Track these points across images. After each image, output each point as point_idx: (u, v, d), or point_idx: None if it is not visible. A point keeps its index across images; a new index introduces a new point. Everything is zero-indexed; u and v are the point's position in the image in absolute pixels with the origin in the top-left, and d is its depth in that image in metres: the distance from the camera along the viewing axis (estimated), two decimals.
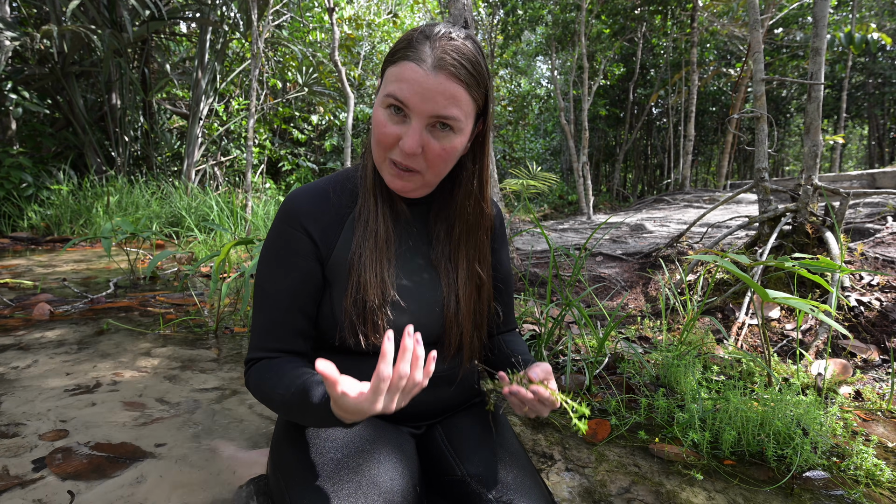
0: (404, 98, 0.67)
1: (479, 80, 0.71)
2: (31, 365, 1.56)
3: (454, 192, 0.82)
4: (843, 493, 0.98)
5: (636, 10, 9.12)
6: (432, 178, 0.74)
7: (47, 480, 0.94)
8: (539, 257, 3.24)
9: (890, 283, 1.91)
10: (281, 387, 0.69)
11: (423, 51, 0.67)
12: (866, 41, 3.09)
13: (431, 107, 0.67)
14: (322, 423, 0.65)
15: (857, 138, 20.23)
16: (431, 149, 0.70)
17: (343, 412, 0.57)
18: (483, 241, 0.84)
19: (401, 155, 0.70)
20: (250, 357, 0.78)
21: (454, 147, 0.71)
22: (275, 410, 0.73)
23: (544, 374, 0.73)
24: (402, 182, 0.73)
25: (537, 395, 0.69)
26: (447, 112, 0.68)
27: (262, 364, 0.75)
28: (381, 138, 0.71)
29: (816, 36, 2.17)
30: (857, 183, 5.90)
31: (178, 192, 5.99)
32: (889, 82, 12.29)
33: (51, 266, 3.44)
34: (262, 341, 0.77)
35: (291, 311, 0.76)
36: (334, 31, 5.11)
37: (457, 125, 0.70)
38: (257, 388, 0.74)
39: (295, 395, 0.66)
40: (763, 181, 2.42)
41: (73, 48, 5.94)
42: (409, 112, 0.68)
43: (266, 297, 0.77)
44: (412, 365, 0.56)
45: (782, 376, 1.49)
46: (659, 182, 14.22)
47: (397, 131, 0.69)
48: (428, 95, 0.66)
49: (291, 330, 0.77)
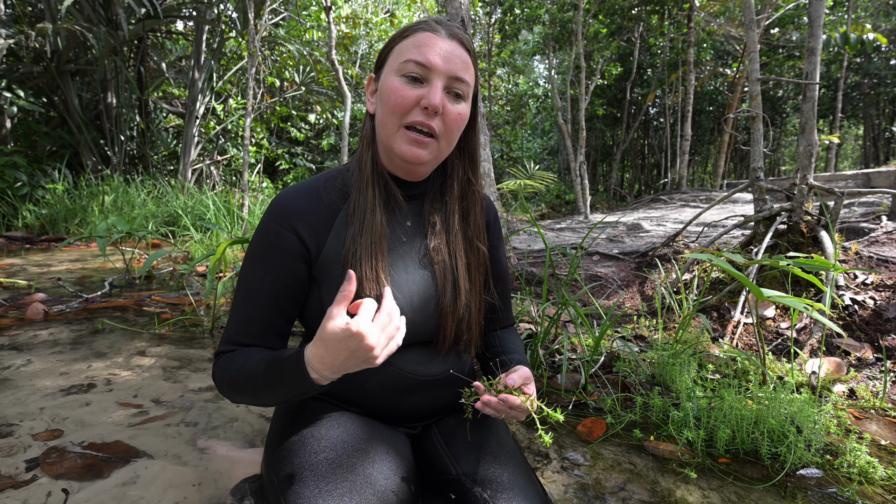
0: (427, 59, 0.71)
1: (475, 60, 0.78)
2: (24, 364, 1.55)
3: (446, 183, 0.83)
4: (837, 490, 0.99)
5: (633, 10, 9.13)
6: (445, 146, 0.77)
7: (41, 480, 0.94)
8: (536, 256, 3.24)
9: (884, 282, 1.92)
10: (249, 363, 0.70)
11: (433, 26, 0.74)
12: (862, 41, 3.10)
13: (452, 67, 0.72)
14: (290, 386, 0.66)
15: (852, 138, 20.33)
16: (449, 111, 0.74)
17: (325, 349, 0.61)
18: (479, 219, 0.86)
19: (421, 114, 0.72)
20: (221, 350, 0.77)
21: (464, 114, 0.76)
22: (237, 393, 0.72)
23: (522, 379, 0.73)
24: (418, 149, 0.74)
25: (507, 402, 0.70)
26: (463, 75, 0.74)
27: (232, 353, 0.75)
28: (398, 102, 0.72)
29: (812, 36, 2.18)
30: (853, 182, 5.92)
31: (174, 191, 5.97)
32: (884, 82, 12.35)
33: (46, 265, 3.42)
34: (236, 335, 0.76)
35: (270, 307, 0.76)
36: (331, 29, 5.10)
37: (466, 92, 0.75)
38: (223, 373, 0.73)
39: (262, 363, 0.68)
40: (759, 181, 2.42)
41: (69, 46, 5.91)
42: (430, 74, 0.72)
43: (246, 293, 0.77)
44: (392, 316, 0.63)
45: (777, 375, 1.49)
46: (656, 181, 14.26)
47: (417, 93, 0.72)
48: (448, 57, 0.72)
49: (268, 326, 0.77)
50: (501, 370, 0.86)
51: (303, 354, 0.64)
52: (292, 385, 0.65)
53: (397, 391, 0.80)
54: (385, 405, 0.81)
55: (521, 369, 0.75)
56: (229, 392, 0.74)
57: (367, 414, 0.82)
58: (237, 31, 7.08)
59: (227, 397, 0.76)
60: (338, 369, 0.63)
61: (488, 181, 2.66)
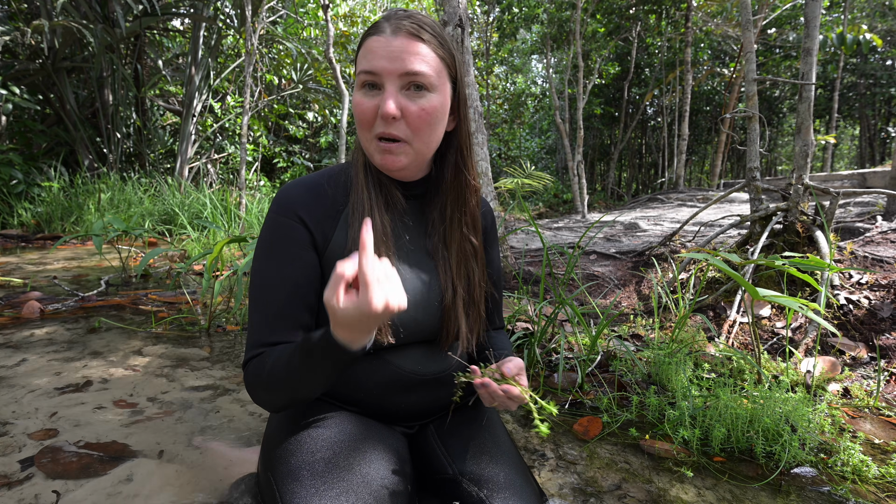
0: (372, 67, 0.69)
1: (442, 42, 0.73)
2: (20, 363, 1.54)
3: (440, 176, 0.83)
4: (830, 489, 0.99)
5: (631, 10, 9.14)
6: (421, 146, 0.73)
7: (35, 480, 0.94)
8: (533, 255, 3.24)
9: (878, 282, 1.93)
10: (284, 354, 0.67)
11: (382, 26, 0.71)
12: (858, 42, 3.11)
13: (399, 65, 0.69)
14: (327, 361, 0.62)
15: (848, 138, 20.41)
16: (410, 111, 0.70)
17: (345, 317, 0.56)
18: (473, 208, 0.85)
19: (382, 124, 0.70)
20: (249, 357, 0.73)
21: (433, 107, 0.71)
22: (276, 391, 0.69)
23: (517, 369, 0.73)
24: (390, 157, 0.72)
25: (507, 393, 0.69)
26: (414, 67, 0.69)
27: (262, 356, 0.72)
28: (360, 117, 0.72)
29: (808, 36, 2.19)
30: (848, 182, 5.95)
31: (171, 189, 5.95)
32: (880, 83, 12.40)
33: (41, 264, 3.41)
34: (262, 336, 0.73)
35: (291, 303, 0.73)
36: (329, 28, 5.09)
37: (429, 82, 0.70)
38: (256, 377, 0.70)
39: (295, 351, 0.65)
40: (755, 180, 2.43)
41: (65, 43, 5.87)
42: (381, 80, 0.70)
43: (263, 292, 0.74)
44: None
45: (772, 374, 1.50)
46: (653, 181, 14.29)
47: (374, 103, 0.71)
48: (392, 55, 0.69)
49: (292, 321, 0.73)
50: (494, 361, 0.86)
51: (328, 330, 0.61)
52: (332, 361, 0.62)
53: (395, 389, 0.80)
54: (383, 404, 0.81)
55: (515, 359, 0.75)
56: (267, 394, 0.70)
57: (364, 413, 0.82)
58: (235, 29, 7.06)
59: (264, 403, 0.71)
60: (365, 329, 0.59)
61: (486, 180, 2.66)
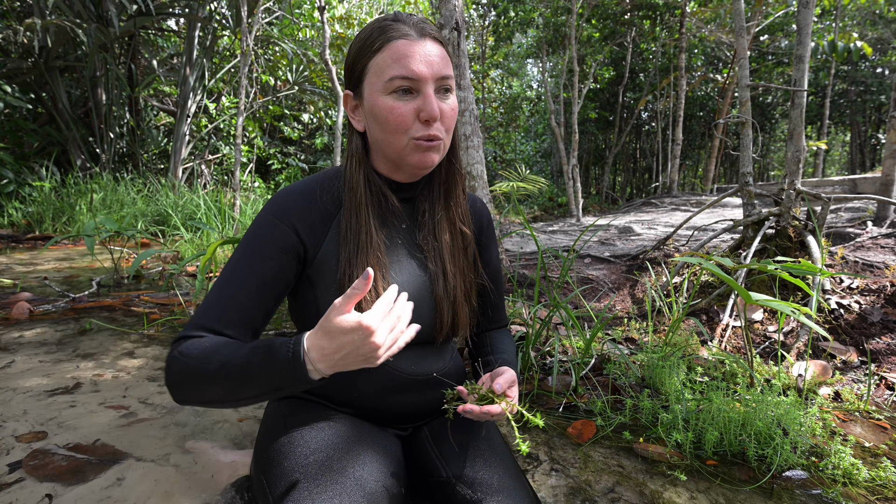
0: (412, 72, 0.69)
1: (446, 46, 0.77)
2: (8, 365, 1.52)
3: (433, 172, 0.83)
4: (822, 492, 1.00)
5: (626, 15, 9.21)
6: (448, 142, 0.78)
7: (24, 483, 0.92)
8: (528, 259, 3.25)
9: (869, 287, 1.95)
10: (226, 349, 0.64)
11: (401, 28, 0.71)
12: (849, 49, 3.16)
13: (436, 70, 0.71)
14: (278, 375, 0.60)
15: (839, 144, 20.65)
16: (445, 112, 0.74)
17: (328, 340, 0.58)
18: (461, 200, 0.86)
19: (422, 127, 0.72)
20: (185, 334, 0.69)
21: (456, 106, 0.76)
22: (199, 382, 0.64)
23: (507, 383, 0.74)
24: (431, 154, 0.74)
25: (489, 413, 0.70)
26: (447, 72, 0.73)
27: (199, 339, 0.68)
28: (399, 122, 0.71)
29: (800, 43, 2.21)
30: (839, 188, 6.02)
31: (164, 189, 5.91)
32: (870, 90, 12.58)
33: (32, 264, 3.37)
34: (209, 320, 0.70)
35: (252, 296, 0.72)
36: (325, 29, 5.09)
37: (452, 85, 0.75)
38: (184, 358, 0.65)
39: (243, 348, 0.64)
40: (748, 185, 2.46)
41: (58, 42, 5.83)
42: (418, 84, 0.70)
43: (231, 276, 0.72)
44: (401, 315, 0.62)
45: (764, 377, 1.51)
46: (647, 185, 14.38)
47: (412, 107, 0.71)
48: (430, 60, 0.70)
49: (245, 316, 0.72)
50: (486, 370, 0.87)
51: (301, 341, 0.60)
52: (281, 374, 0.60)
53: (388, 391, 0.80)
54: (376, 405, 0.81)
55: (505, 373, 0.76)
56: (186, 381, 0.65)
57: (357, 415, 0.81)
58: (230, 29, 7.04)
59: (176, 390, 0.66)
60: (335, 364, 0.60)
61: (481, 183, 2.67)
